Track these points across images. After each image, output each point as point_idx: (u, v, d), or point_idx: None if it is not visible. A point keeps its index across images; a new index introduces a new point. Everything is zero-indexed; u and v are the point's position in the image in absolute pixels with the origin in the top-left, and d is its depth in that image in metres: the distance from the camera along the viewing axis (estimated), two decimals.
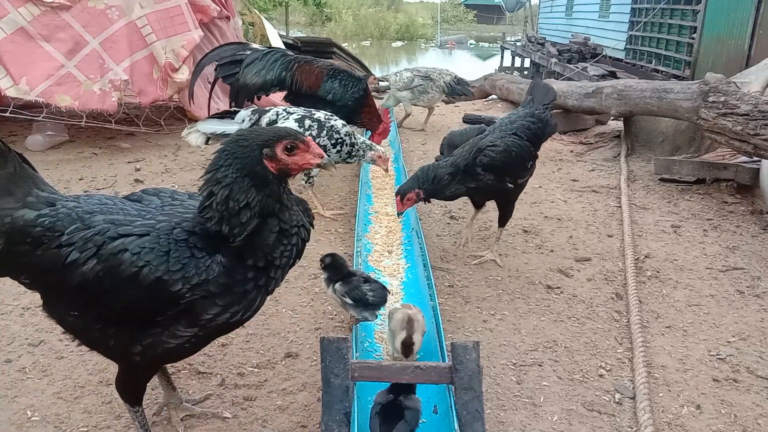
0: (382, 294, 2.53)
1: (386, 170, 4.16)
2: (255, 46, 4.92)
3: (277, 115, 3.87)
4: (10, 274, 1.76)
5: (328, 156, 3.86)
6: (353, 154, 3.99)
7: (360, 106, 4.77)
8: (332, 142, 3.84)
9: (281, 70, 4.60)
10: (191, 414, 2.16)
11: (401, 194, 3.21)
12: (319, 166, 1.68)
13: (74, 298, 1.66)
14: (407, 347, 2.26)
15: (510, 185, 3.25)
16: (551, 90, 3.56)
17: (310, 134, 3.79)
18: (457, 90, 6.73)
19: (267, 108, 4.01)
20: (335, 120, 3.92)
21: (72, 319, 1.70)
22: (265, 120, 3.84)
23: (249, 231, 1.59)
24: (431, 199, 3.26)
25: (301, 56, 4.94)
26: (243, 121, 3.87)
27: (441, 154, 3.42)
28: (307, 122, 3.82)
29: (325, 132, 3.82)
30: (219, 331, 1.76)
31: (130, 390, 1.87)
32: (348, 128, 3.94)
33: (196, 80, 5.02)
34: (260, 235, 1.62)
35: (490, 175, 3.15)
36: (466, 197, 3.47)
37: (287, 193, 1.67)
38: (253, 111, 3.93)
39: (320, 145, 3.77)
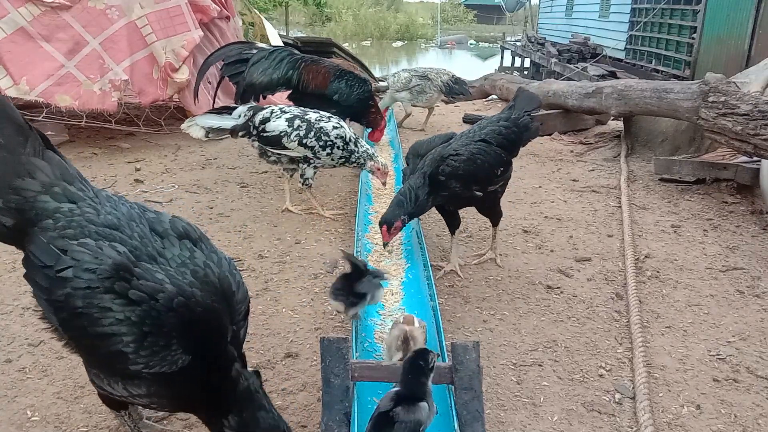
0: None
1: (384, 183, 4.13)
2: (261, 45, 4.92)
3: (272, 112, 3.89)
4: (14, 244, 1.73)
5: (318, 158, 3.89)
6: (351, 159, 3.97)
7: (366, 107, 4.78)
8: (321, 144, 3.84)
9: (288, 69, 4.61)
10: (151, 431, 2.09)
11: (388, 224, 2.99)
12: None
13: (48, 304, 1.62)
14: None
15: (479, 193, 3.09)
16: (535, 98, 3.45)
17: (298, 134, 3.80)
18: (455, 89, 6.72)
19: (265, 105, 4.03)
20: (327, 122, 3.89)
21: (47, 316, 1.70)
22: (259, 117, 3.86)
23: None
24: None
25: (308, 56, 4.95)
26: (239, 116, 3.91)
27: (407, 164, 3.32)
28: (297, 122, 3.83)
29: (313, 133, 3.81)
30: (136, 404, 1.78)
31: (108, 397, 1.86)
32: (342, 131, 3.90)
33: (201, 80, 5.02)
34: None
35: (456, 183, 3.01)
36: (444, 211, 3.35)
37: None
38: (249, 107, 3.95)
39: (308, 146, 3.81)
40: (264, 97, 4.77)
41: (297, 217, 4.07)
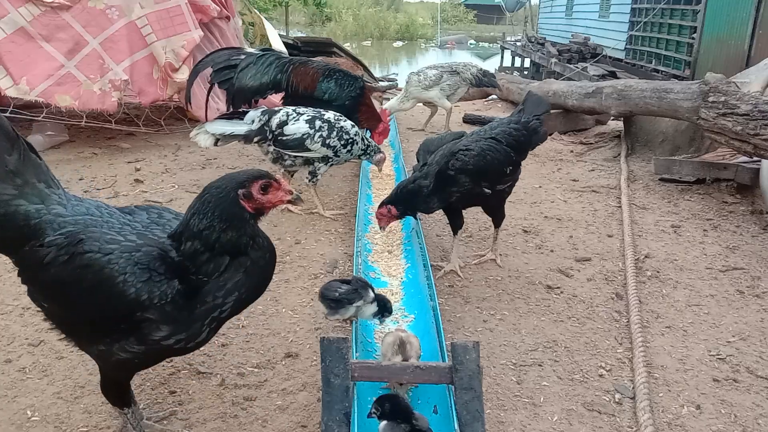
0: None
1: (380, 170, 4.31)
2: (249, 49, 4.90)
3: (287, 115, 3.83)
4: (4, 252, 1.84)
5: (338, 156, 3.91)
6: (368, 152, 4.07)
7: (357, 105, 4.75)
8: (342, 142, 3.85)
9: (276, 73, 4.58)
10: None
11: (379, 207, 3.19)
12: (289, 201, 1.77)
13: (46, 291, 1.76)
14: None
15: (488, 191, 3.11)
16: (544, 102, 3.49)
17: (321, 135, 3.79)
18: (483, 81, 6.72)
19: (277, 108, 3.97)
20: (345, 120, 3.94)
21: (46, 307, 1.80)
22: (275, 120, 3.79)
23: (220, 271, 1.67)
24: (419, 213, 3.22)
25: (296, 57, 4.93)
26: (252, 121, 3.80)
27: (418, 161, 3.35)
28: (318, 123, 3.81)
29: (335, 133, 3.82)
30: (166, 353, 1.82)
31: (112, 393, 1.91)
32: (356, 127, 3.97)
33: (194, 82, 4.99)
34: (226, 274, 1.69)
35: (466, 179, 3.02)
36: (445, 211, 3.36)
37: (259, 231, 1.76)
38: (263, 111, 3.86)
39: (330, 146, 3.81)
40: (256, 102, 4.72)
41: (297, 217, 4.07)
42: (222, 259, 1.67)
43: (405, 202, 3.12)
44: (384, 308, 2.48)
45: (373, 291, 2.48)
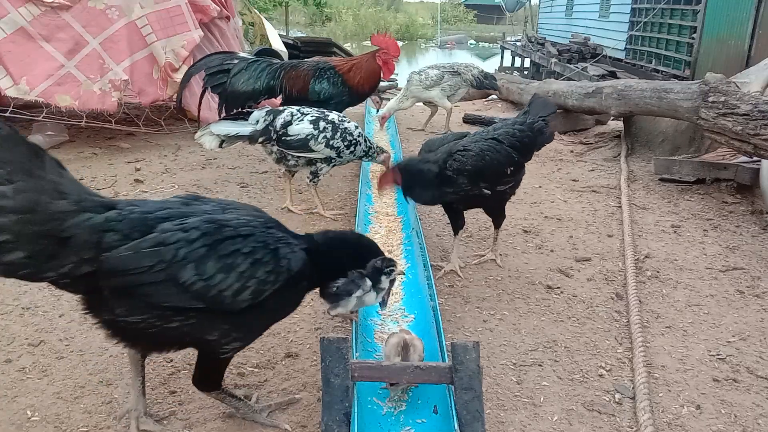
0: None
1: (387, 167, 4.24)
2: (242, 54, 4.87)
3: (292, 115, 3.81)
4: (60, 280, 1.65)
5: (341, 157, 3.91)
6: (370, 153, 4.06)
7: (342, 82, 4.62)
8: (345, 143, 3.85)
9: (269, 79, 4.55)
10: (149, 431, 2.06)
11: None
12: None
13: (166, 291, 1.67)
14: None
15: (487, 191, 3.08)
16: (550, 104, 3.47)
17: (325, 136, 3.79)
18: (485, 84, 6.71)
19: (281, 108, 3.96)
20: (348, 121, 3.94)
21: (157, 313, 1.69)
22: (279, 120, 3.78)
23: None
24: (413, 200, 3.21)
25: (287, 62, 4.89)
26: (257, 122, 3.79)
27: None
28: (322, 124, 3.80)
29: (339, 134, 3.81)
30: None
31: (217, 376, 2.02)
32: (360, 129, 3.96)
33: (190, 85, 4.96)
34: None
35: (464, 179, 3.00)
36: (447, 210, 3.36)
37: None
38: (267, 111, 3.85)
39: (334, 147, 3.80)
40: (250, 107, 4.69)
41: (297, 217, 4.07)
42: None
43: (411, 175, 3.03)
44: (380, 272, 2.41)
45: (370, 279, 2.46)
